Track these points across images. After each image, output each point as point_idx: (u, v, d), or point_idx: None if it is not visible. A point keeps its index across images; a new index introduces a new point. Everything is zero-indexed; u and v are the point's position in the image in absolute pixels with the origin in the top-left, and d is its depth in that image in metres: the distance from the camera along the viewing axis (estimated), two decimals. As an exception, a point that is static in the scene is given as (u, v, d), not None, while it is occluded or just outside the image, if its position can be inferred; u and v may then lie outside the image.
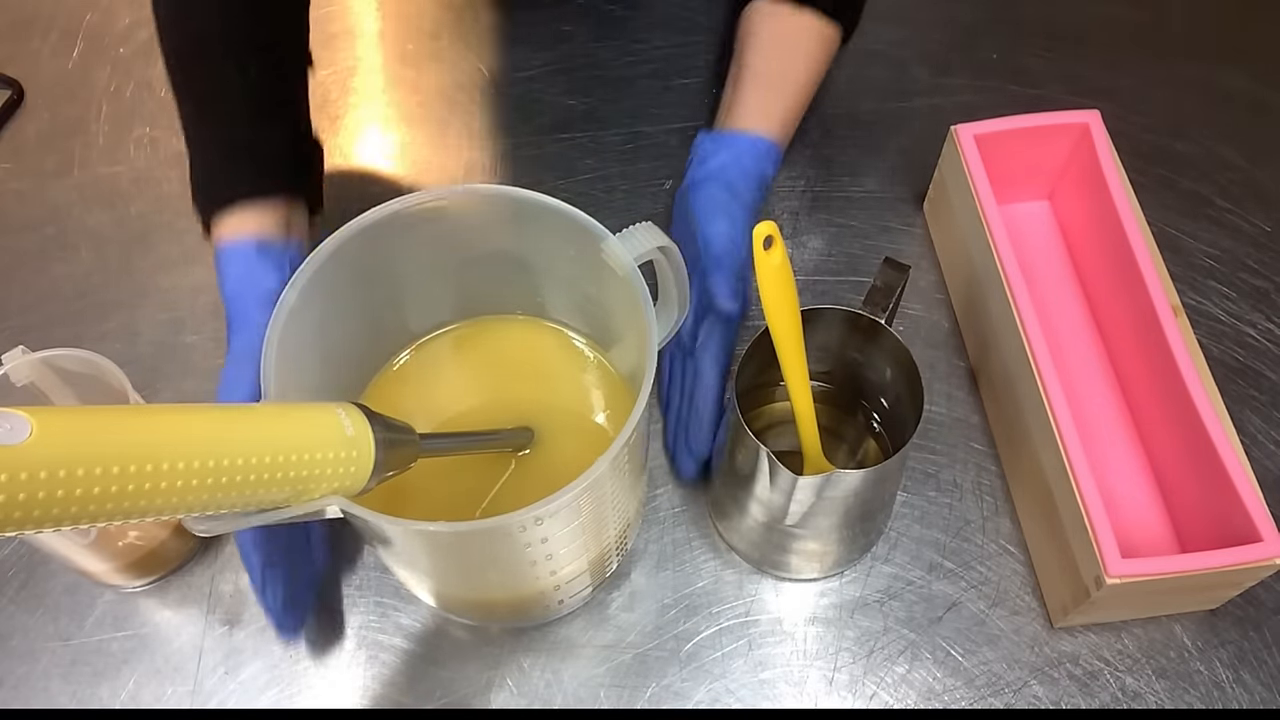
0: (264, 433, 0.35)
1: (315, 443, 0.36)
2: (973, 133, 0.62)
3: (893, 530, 0.58)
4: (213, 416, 0.34)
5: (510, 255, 0.52)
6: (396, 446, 0.40)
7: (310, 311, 0.45)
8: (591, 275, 0.48)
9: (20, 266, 0.68)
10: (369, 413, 0.40)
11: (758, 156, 0.61)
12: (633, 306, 0.46)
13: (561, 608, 0.53)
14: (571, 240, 0.47)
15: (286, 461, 0.34)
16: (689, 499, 0.59)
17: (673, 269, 0.47)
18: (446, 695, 0.53)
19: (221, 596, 0.56)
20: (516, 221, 0.49)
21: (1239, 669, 0.54)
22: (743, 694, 0.53)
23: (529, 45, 0.79)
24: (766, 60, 0.64)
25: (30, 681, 0.54)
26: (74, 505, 0.28)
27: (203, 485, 0.31)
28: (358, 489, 0.39)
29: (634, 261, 0.45)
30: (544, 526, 0.41)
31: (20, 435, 0.26)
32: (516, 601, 0.51)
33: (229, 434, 0.33)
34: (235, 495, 0.33)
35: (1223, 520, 0.51)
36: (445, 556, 0.46)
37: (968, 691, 0.53)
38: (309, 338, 0.45)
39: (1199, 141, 0.74)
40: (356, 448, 0.38)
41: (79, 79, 0.77)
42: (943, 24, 0.81)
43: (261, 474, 0.34)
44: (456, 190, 0.47)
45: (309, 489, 0.36)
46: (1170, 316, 0.55)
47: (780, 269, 0.45)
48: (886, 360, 0.53)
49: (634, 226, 0.46)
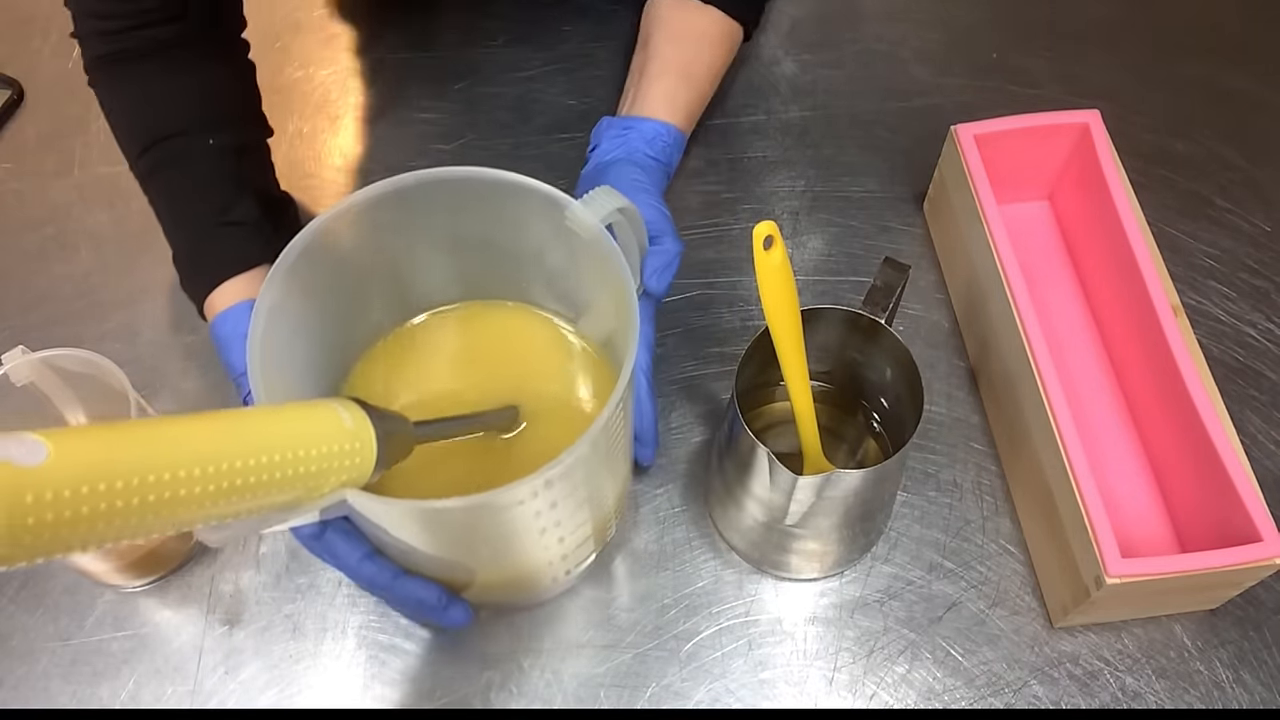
0: (269, 432, 0.35)
1: (319, 437, 0.37)
2: (973, 133, 0.62)
3: (893, 530, 0.58)
4: (218, 421, 0.34)
5: (478, 236, 0.52)
6: (394, 434, 0.41)
7: (286, 312, 0.45)
8: (561, 247, 0.49)
9: (20, 266, 0.68)
10: (364, 404, 0.40)
11: (665, 143, 0.63)
12: (604, 270, 0.47)
13: (568, 579, 0.53)
14: (538, 213, 0.48)
15: (294, 458, 0.35)
16: (689, 499, 0.59)
17: (633, 228, 0.49)
18: (446, 695, 0.53)
19: (221, 596, 0.56)
20: (480, 201, 0.49)
21: (1239, 669, 0.54)
22: (743, 694, 0.53)
23: (529, 45, 0.79)
24: (672, 52, 0.66)
25: (30, 681, 0.54)
26: (98, 521, 0.28)
27: (218, 490, 0.32)
28: (364, 480, 0.39)
29: (600, 224, 0.46)
30: (552, 490, 0.42)
31: (38, 457, 0.27)
32: (525, 576, 0.51)
33: (236, 437, 0.34)
34: (249, 498, 0.33)
35: (1223, 520, 0.51)
36: (453, 536, 0.46)
37: (968, 691, 0.53)
38: (287, 338, 0.46)
39: (1199, 141, 0.74)
40: (358, 439, 0.39)
41: (79, 79, 0.77)
42: (943, 24, 0.81)
43: (273, 473, 0.34)
44: (418, 175, 0.48)
45: (318, 485, 0.37)
46: (1170, 316, 0.55)
47: (780, 269, 0.46)
48: (886, 360, 0.53)
49: (594, 191, 0.47)
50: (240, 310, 0.53)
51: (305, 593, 0.56)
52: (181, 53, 0.58)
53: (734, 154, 0.73)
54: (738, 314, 0.66)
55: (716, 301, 0.66)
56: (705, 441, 0.61)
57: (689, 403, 0.62)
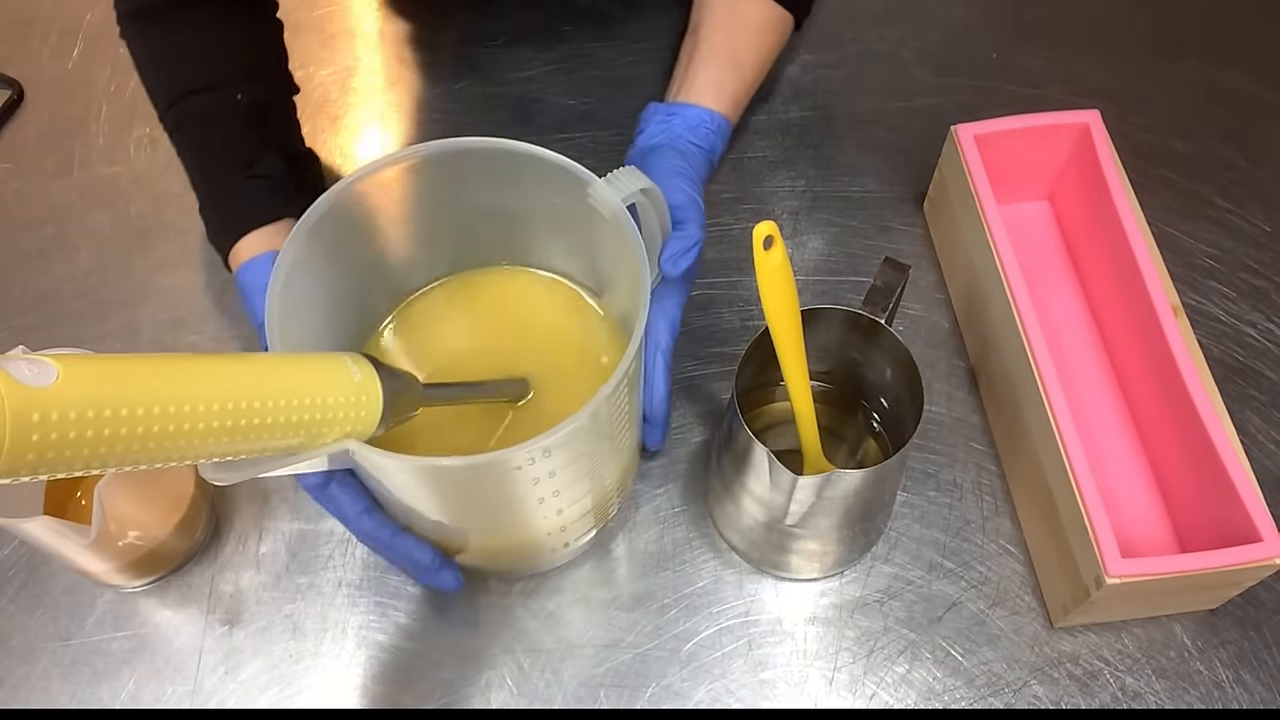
0: (278, 377, 0.36)
1: (326, 387, 0.38)
2: (973, 133, 0.62)
3: (893, 530, 0.58)
4: (229, 363, 0.35)
5: (501, 207, 0.52)
6: (401, 393, 0.42)
7: (306, 270, 0.46)
8: (580, 222, 0.49)
9: (20, 266, 0.68)
10: (374, 361, 0.41)
11: (709, 130, 0.63)
12: (622, 249, 0.47)
13: (567, 551, 0.54)
14: (559, 188, 0.48)
15: (300, 405, 0.36)
16: (689, 499, 0.59)
17: (656, 211, 0.49)
18: (446, 695, 0.53)
19: (221, 596, 0.56)
20: (505, 173, 0.50)
21: (1239, 669, 0.54)
22: (743, 694, 0.53)
23: (529, 45, 0.79)
24: (722, 40, 0.66)
25: (30, 681, 0.54)
26: (101, 446, 0.29)
27: (222, 428, 0.33)
28: (368, 434, 0.40)
29: (622, 203, 0.46)
30: (551, 459, 0.42)
31: (48, 378, 0.27)
32: (523, 544, 0.51)
33: (245, 378, 0.35)
34: (253, 439, 0.34)
35: (1223, 520, 0.51)
36: (453, 497, 0.47)
37: (968, 691, 0.53)
38: (306, 295, 0.46)
39: (1199, 141, 0.74)
40: (365, 392, 0.39)
41: (79, 79, 0.77)
42: (943, 24, 0.81)
43: (278, 417, 0.35)
44: (444, 144, 0.48)
45: (321, 433, 0.38)
46: (1170, 316, 0.55)
47: (780, 269, 0.46)
48: (886, 360, 0.53)
49: (618, 170, 0.47)
50: (263, 261, 0.54)
51: (305, 593, 0.56)
52: (211, 7, 0.59)
53: (734, 154, 0.73)
54: (738, 314, 0.66)
55: (716, 301, 0.66)
56: (705, 441, 0.61)
57: (689, 403, 0.62)
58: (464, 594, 0.55)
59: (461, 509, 0.48)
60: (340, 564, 0.57)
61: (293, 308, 0.45)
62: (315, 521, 0.58)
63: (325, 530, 0.58)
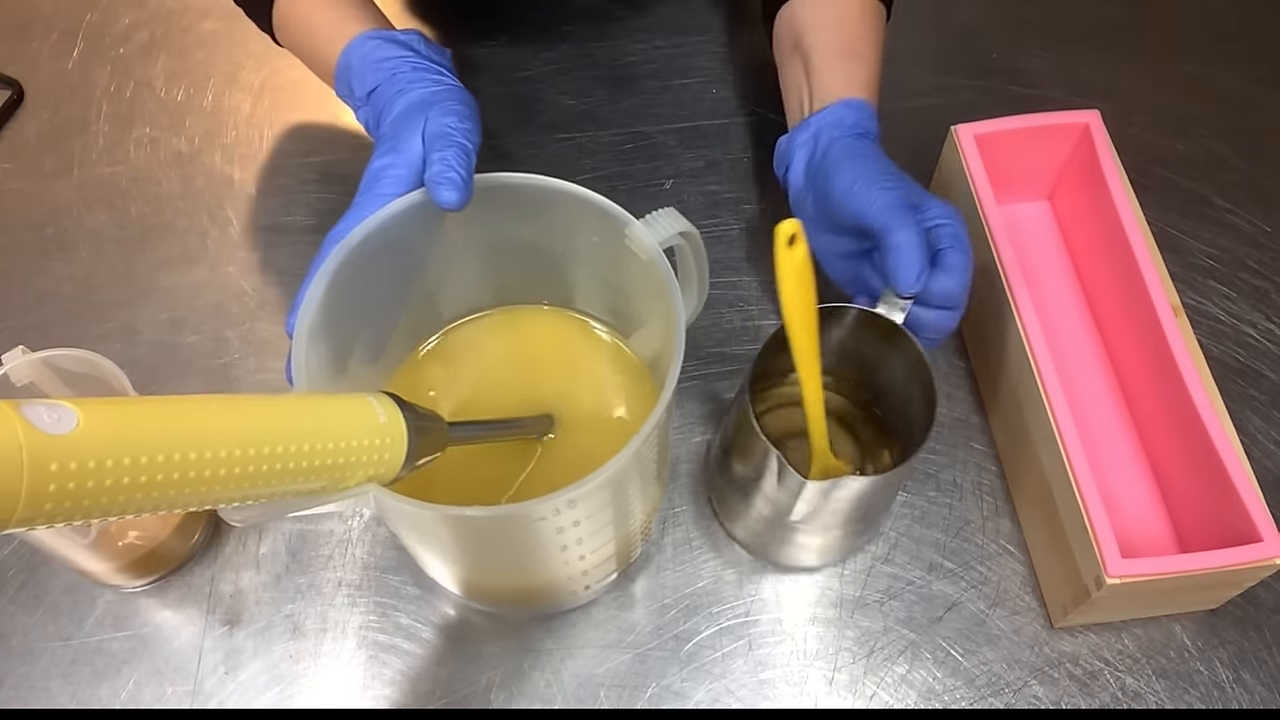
0: (301, 421, 0.35)
1: (350, 430, 0.37)
2: (973, 133, 0.62)
3: (893, 530, 0.58)
4: (251, 405, 0.34)
5: (534, 243, 0.52)
6: (427, 434, 0.41)
7: (340, 300, 0.46)
8: (615, 262, 0.49)
9: (20, 266, 0.68)
10: (400, 401, 0.40)
11: (858, 115, 0.58)
12: (657, 292, 0.47)
13: (588, 593, 0.54)
14: (595, 227, 0.48)
15: (324, 449, 0.35)
16: (689, 499, 0.59)
17: (694, 254, 0.48)
18: (446, 695, 0.53)
19: (221, 596, 0.56)
20: (541, 209, 0.49)
21: (1239, 669, 0.54)
22: (743, 694, 0.53)
23: (529, 45, 0.79)
24: (829, 41, 0.62)
25: (30, 681, 0.54)
26: (120, 494, 0.28)
27: (244, 473, 0.32)
28: (391, 476, 0.39)
29: (659, 246, 0.46)
30: (576, 510, 0.42)
31: (67, 425, 0.26)
32: (544, 587, 0.51)
33: (267, 421, 0.34)
34: (275, 484, 0.34)
35: (1223, 520, 0.51)
36: (475, 542, 0.47)
37: (968, 691, 0.53)
38: (339, 325, 0.46)
39: (1199, 141, 0.74)
40: (390, 435, 0.39)
41: (79, 79, 0.77)
42: (943, 24, 0.81)
43: (300, 461, 0.34)
44: (482, 179, 0.48)
45: (345, 477, 0.37)
46: (1170, 316, 0.55)
47: (803, 266, 0.45)
48: (900, 363, 0.53)
49: (657, 212, 0.46)
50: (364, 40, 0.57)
51: (305, 593, 0.56)
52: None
53: (734, 154, 0.73)
54: (738, 314, 0.66)
55: (717, 301, 0.66)
56: (706, 441, 0.61)
57: (689, 402, 0.62)
58: (464, 595, 0.55)
59: (485, 553, 0.48)
60: (340, 564, 0.57)
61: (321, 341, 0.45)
62: (315, 521, 0.58)
63: (325, 530, 0.58)
